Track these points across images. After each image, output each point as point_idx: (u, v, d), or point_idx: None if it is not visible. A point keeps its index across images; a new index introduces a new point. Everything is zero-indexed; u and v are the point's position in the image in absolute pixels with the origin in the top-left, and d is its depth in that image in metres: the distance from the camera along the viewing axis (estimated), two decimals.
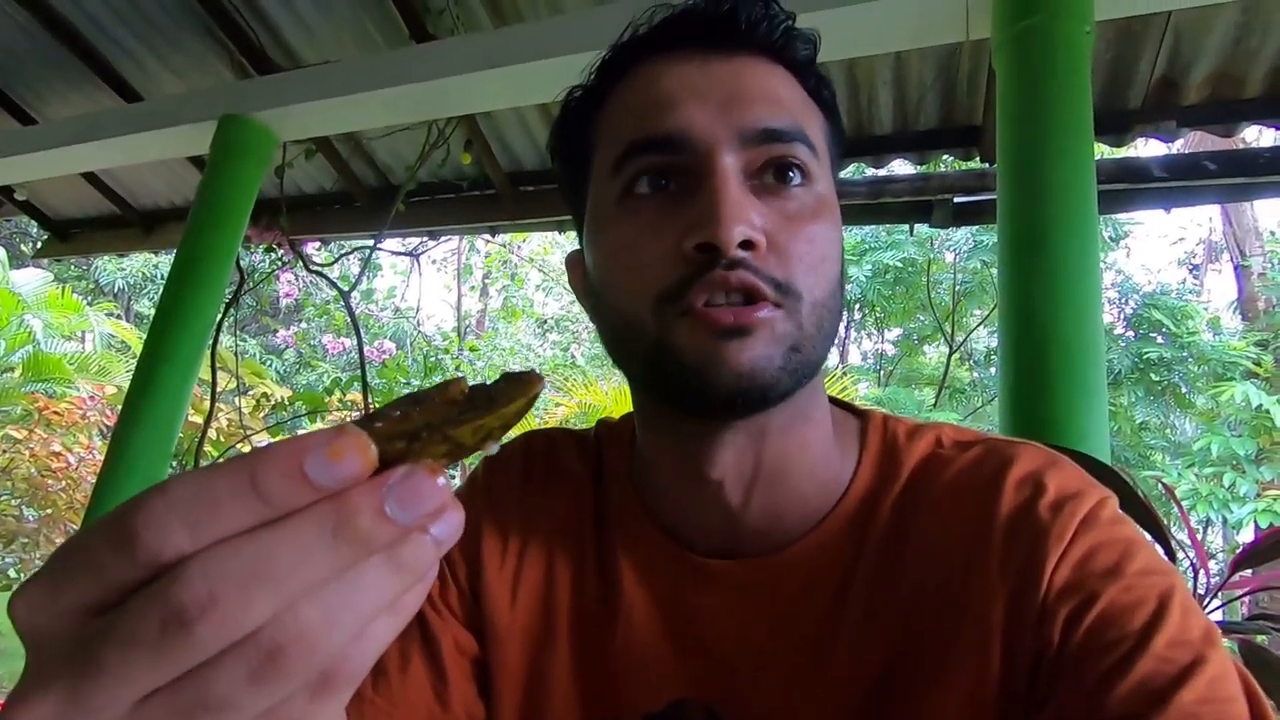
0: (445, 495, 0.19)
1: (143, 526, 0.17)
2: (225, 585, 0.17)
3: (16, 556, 4.51)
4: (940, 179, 2.41)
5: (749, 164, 0.42)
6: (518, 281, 9.11)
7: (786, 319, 0.40)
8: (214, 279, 2.58)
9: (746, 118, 0.42)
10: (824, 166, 0.45)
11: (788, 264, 0.40)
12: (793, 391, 0.42)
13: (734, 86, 0.43)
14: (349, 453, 0.18)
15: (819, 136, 0.45)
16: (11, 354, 5.50)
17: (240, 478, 0.18)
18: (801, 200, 0.42)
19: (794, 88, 0.45)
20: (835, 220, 0.44)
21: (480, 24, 2.42)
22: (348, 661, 0.19)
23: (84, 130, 3.13)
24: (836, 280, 0.44)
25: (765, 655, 0.44)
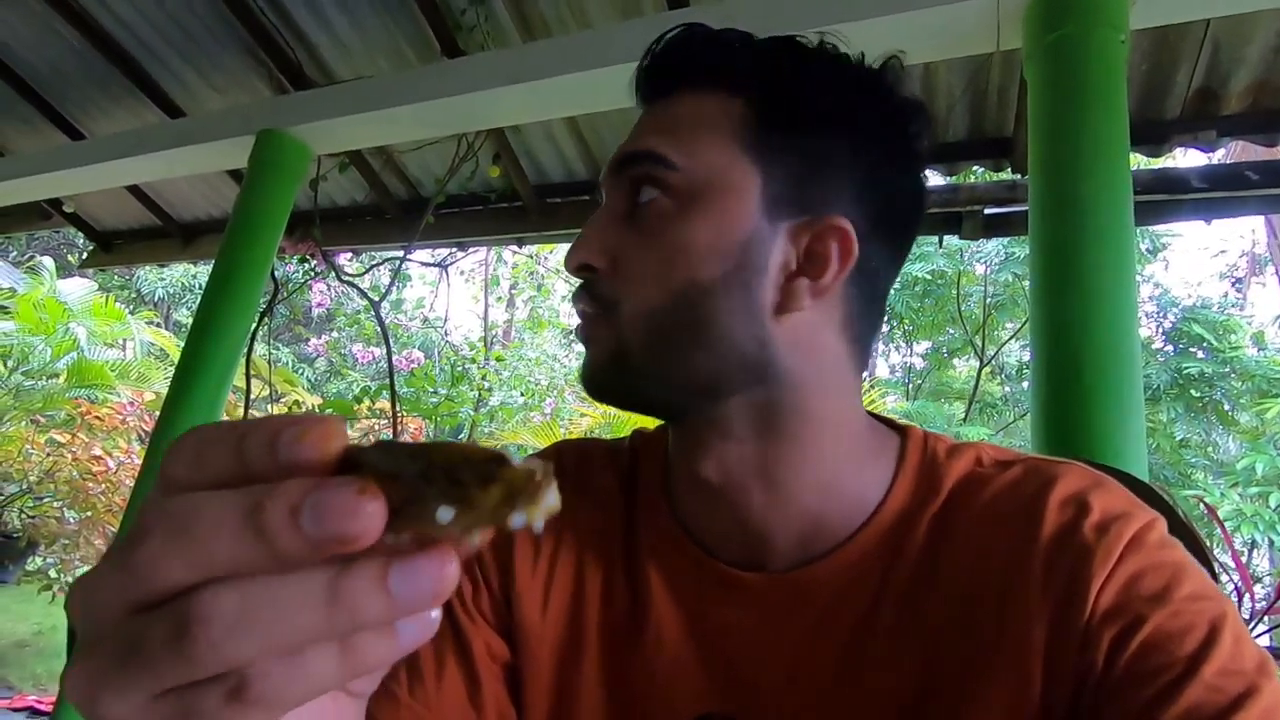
0: (360, 522, 0.17)
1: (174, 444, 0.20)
2: (157, 527, 0.18)
3: (57, 557, 4.64)
4: (970, 190, 2.38)
5: (621, 193, 0.47)
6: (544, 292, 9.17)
7: (606, 328, 0.45)
8: (250, 289, 2.65)
9: (615, 155, 0.48)
10: (703, 168, 0.44)
11: (615, 280, 0.45)
12: (664, 401, 0.46)
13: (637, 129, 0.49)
14: (312, 436, 0.18)
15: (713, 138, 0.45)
16: (57, 360, 5.69)
17: (238, 429, 0.19)
18: (652, 214, 0.45)
19: (695, 105, 0.47)
20: (706, 219, 0.43)
21: (509, 39, 2.46)
22: (266, 678, 0.18)
23: (129, 145, 3.25)
24: (695, 282, 0.43)
25: (793, 671, 0.44)
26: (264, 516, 0.17)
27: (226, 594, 0.18)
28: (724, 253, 0.43)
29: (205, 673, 0.18)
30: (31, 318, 5.76)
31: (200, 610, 0.17)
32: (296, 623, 0.18)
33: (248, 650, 0.18)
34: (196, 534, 0.18)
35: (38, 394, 5.43)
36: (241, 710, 0.18)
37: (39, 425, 5.35)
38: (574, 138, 2.84)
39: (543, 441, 5.24)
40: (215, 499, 0.18)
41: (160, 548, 0.18)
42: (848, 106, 0.47)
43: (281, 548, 0.17)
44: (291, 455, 0.18)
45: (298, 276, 3.89)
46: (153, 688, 0.18)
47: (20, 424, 5.24)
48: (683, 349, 0.43)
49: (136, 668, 0.18)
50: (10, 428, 5.16)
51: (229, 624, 0.17)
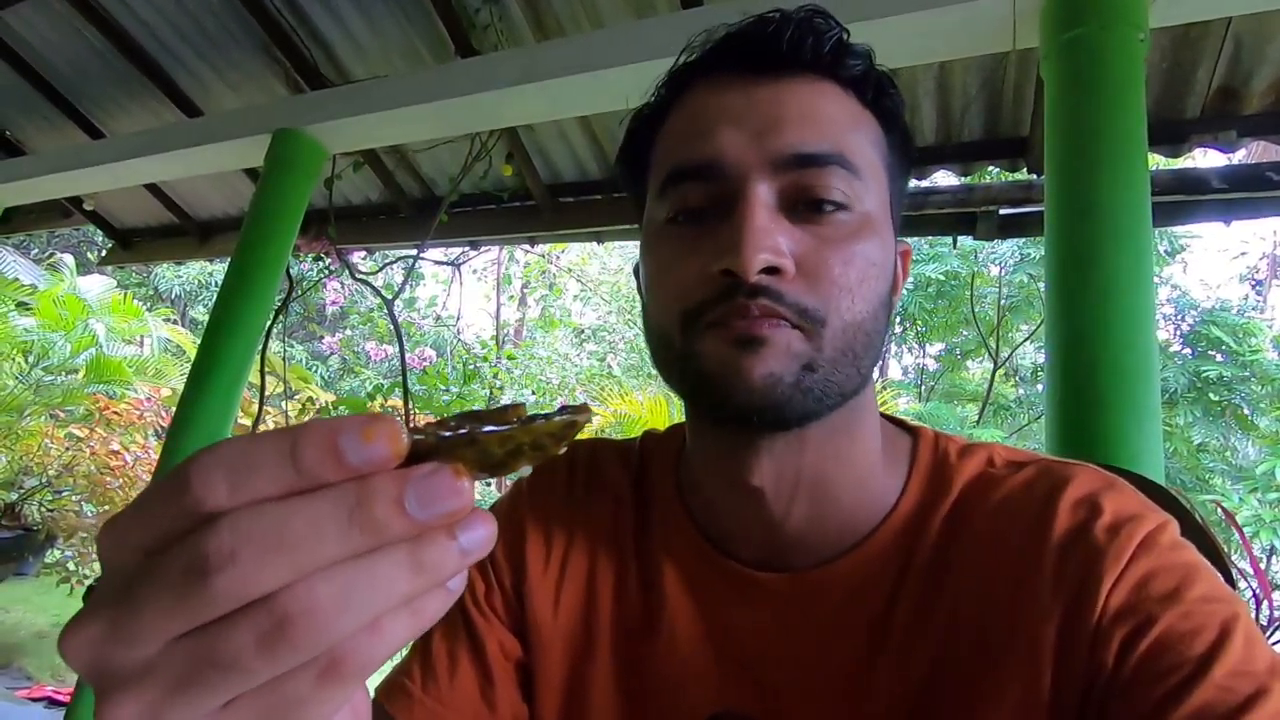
0: (464, 498, 0.19)
1: (193, 476, 0.18)
2: (246, 545, 0.18)
3: (76, 550, 4.71)
4: (985, 191, 2.36)
5: (783, 190, 0.42)
6: (556, 291, 9.21)
7: (804, 340, 0.41)
8: (265, 287, 2.67)
9: (780, 144, 0.42)
10: (872, 182, 0.44)
11: (817, 288, 0.41)
12: (816, 412, 0.42)
13: (772, 111, 0.43)
14: (380, 437, 0.19)
15: (868, 152, 0.44)
16: (76, 356, 5.78)
17: (282, 444, 0.19)
18: (839, 223, 0.42)
19: (844, 104, 0.44)
20: (880, 237, 0.44)
21: (523, 38, 2.47)
22: (357, 651, 0.19)
23: (147, 144, 3.29)
24: (880, 299, 0.43)
25: (808, 669, 0.44)
26: (371, 513, 0.18)
27: (323, 583, 0.18)
28: (887, 272, 0.44)
29: (300, 660, 0.18)
30: (52, 314, 5.84)
31: (300, 603, 0.18)
32: (390, 592, 0.19)
33: (346, 627, 0.18)
34: (298, 545, 0.18)
35: (57, 389, 5.52)
36: (331, 686, 0.19)
37: (58, 420, 5.44)
38: (587, 137, 2.84)
39: None
40: (307, 507, 0.18)
41: (255, 570, 0.18)
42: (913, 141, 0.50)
43: (390, 535, 0.18)
44: (366, 457, 0.19)
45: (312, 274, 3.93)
46: (235, 693, 0.18)
47: (40, 419, 5.32)
48: (858, 363, 0.42)
49: (216, 680, 0.18)
50: (30, 422, 5.25)
51: (330, 608, 0.18)
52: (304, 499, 0.18)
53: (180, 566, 0.18)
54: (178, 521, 0.18)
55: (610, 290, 10.88)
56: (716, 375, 0.41)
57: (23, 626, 4.52)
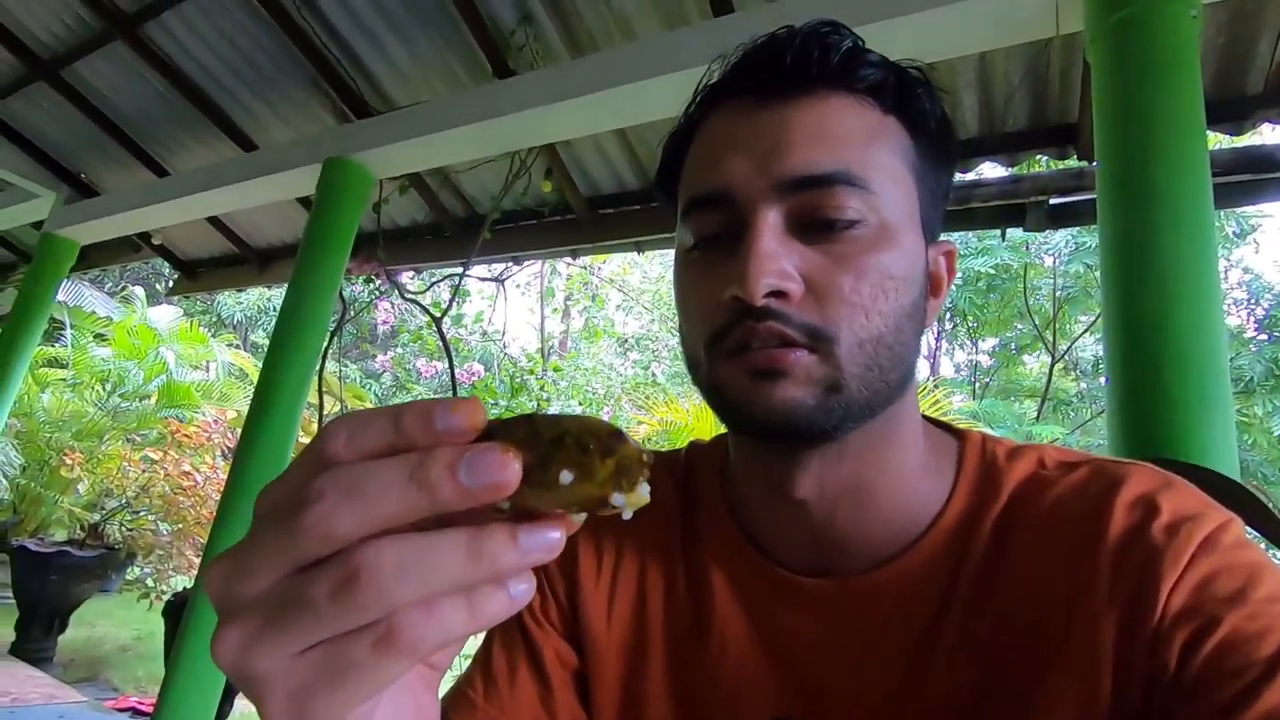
0: (508, 473, 0.21)
1: (325, 431, 0.23)
2: (331, 488, 0.21)
3: (154, 567, 4.95)
4: (1033, 180, 2.29)
5: (791, 212, 0.42)
6: (598, 302, 9.28)
7: (821, 363, 0.41)
8: (320, 310, 2.78)
9: (783, 168, 0.42)
10: (892, 192, 0.43)
11: (826, 308, 0.41)
12: (844, 428, 0.42)
13: (778, 135, 0.43)
14: (463, 410, 0.22)
15: (887, 161, 0.43)
16: (149, 383, 6.10)
17: (391, 411, 0.22)
18: (852, 239, 0.42)
19: (858, 116, 0.44)
20: (902, 247, 0.43)
21: (558, 56, 2.51)
22: (412, 626, 0.21)
23: (208, 179, 3.47)
24: (902, 310, 0.42)
25: (859, 675, 0.44)
26: (427, 472, 0.21)
27: (389, 546, 0.21)
28: (914, 279, 0.43)
29: (364, 619, 0.21)
30: (126, 344, 6.19)
31: (368, 560, 0.20)
32: (445, 570, 0.21)
33: (402, 595, 0.20)
34: (367, 492, 0.21)
35: (133, 415, 5.82)
36: (386, 656, 0.21)
37: (134, 444, 5.73)
38: (623, 149, 2.87)
39: None
40: (381, 464, 0.21)
41: (333, 508, 0.21)
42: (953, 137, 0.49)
43: (442, 497, 0.20)
44: (448, 423, 0.22)
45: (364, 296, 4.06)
46: (309, 639, 0.21)
47: (118, 443, 5.63)
48: (886, 376, 0.42)
49: (297, 620, 0.21)
50: (109, 447, 5.55)
51: (392, 571, 0.20)
52: (382, 460, 0.21)
53: (286, 508, 0.21)
54: (306, 473, 0.22)
55: (652, 298, 10.90)
56: (738, 403, 0.42)
57: (108, 640, 4.77)
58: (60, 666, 3.91)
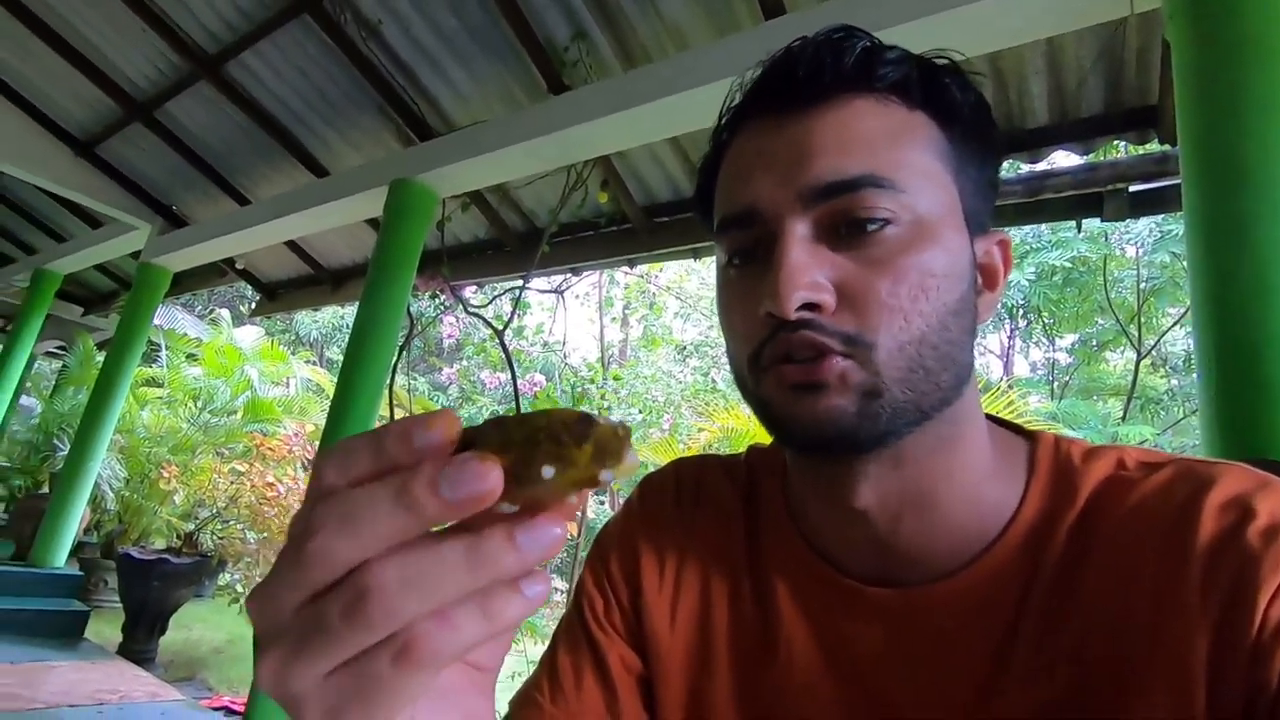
0: (487, 481, 0.21)
1: (316, 465, 0.24)
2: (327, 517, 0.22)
3: (242, 573, 5.25)
4: (1111, 168, 2.18)
5: (819, 221, 0.41)
6: (656, 310, 9.30)
7: (858, 368, 0.40)
8: (390, 326, 2.89)
9: (806, 178, 0.41)
10: (925, 188, 0.42)
11: (862, 314, 0.40)
12: (892, 434, 0.41)
13: (799, 146, 0.42)
14: (438, 425, 0.22)
15: (917, 158, 0.42)
16: (235, 399, 6.47)
17: (373, 434, 0.23)
18: (886, 240, 0.41)
19: (881, 116, 0.43)
20: (942, 243, 0.41)
21: (611, 69, 2.55)
22: (428, 637, 0.21)
23: (285, 205, 3.67)
24: (946, 308, 0.41)
25: (928, 688, 0.42)
26: (411, 493, 0.21)
27: (390, 564, 0.21)
28: (958, 275, 0.42)
29: (377, 636, 0.21)
30: (214, 363, 6.59)
31: (371, 580, 0.21)
32: (448, 581, 0.21)
33: (411, 609, 0.21)
34: (359, 518, 0.21)
35: (221, 430, 6.19)
36: (406, 670, 0.22)
37: (223, 457, 6.09)
38: (678, 156, 2.89)
39: (663, 457, 5.29)
40: (369, 489, 0.22)
41: (330, 537, 0.21)
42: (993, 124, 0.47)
43: (428, 514, 0.21)
44: (424, 441, 0.22)
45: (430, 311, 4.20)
46: (332, 660, 0.22)
47: (209, 456, 5.99)
48: (934, 378, 0.41)
49: (318, 644, 0.22)
50: (201, 459, 5.92)
51: (396, 587, 0.21)
52: (370, 484, 0.22)
53: (294, 540, 0.22)
54: (309, 504, 0.23)
55: (710, 304, 10.85)
56: (783, 418, 0.42)
57: (203, 643, 5.06)
58: (161, 667, 4.18)
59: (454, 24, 2.69)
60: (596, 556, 0.56)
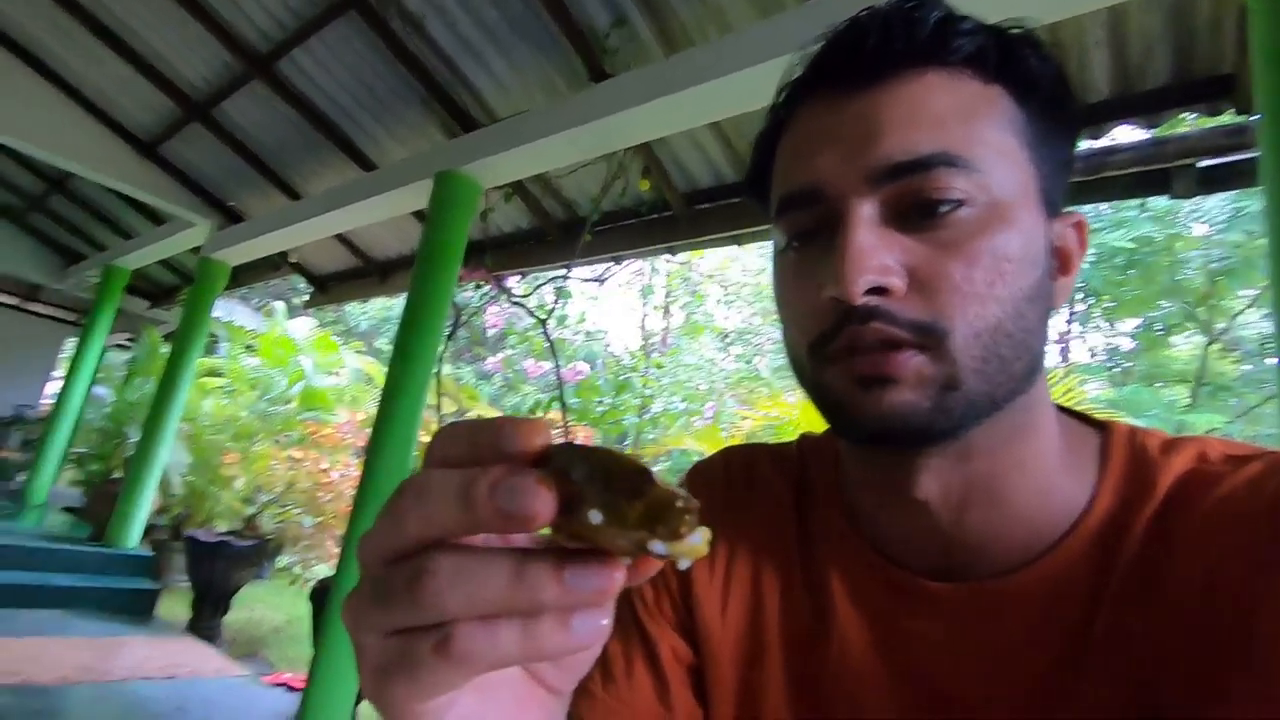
0: (535, 503, 0.21)
1: (433, 436, 0.25)
2: (408, 494, 0.23)
3: (299, 556, 5.46)
4: (1180, 142, 2.06)
5: (887, 202, 0.39)
6: (698, 298, 9.26)
7: (932, 362, 0.38)
8: (436, 317, 2.94)
9: (874, 157, 0.39)
10: (1001, 166, 0.39)
11: (935, 300, 0.38)
12: (962, 428, 0.39)
13: (866, 123, 0.40)
14: (522, 432, 0.23)
15: (993, 135, 0.40)
16: (291, 388, 6.71)
17: (476, 424, 0.24)
18: (958, 223, 0.38)
19: (955, 91, 0.40)
20: (1018, 225, 0.39)
21: (652, 55, 2.53)
22: (467, 638, 0.22)
23: (335, 199, 3.76)
24: (1023, 293, 0.39)
25: (992, 688, 0.41)
26: (472, 490, 0.22)
27: (447, 556, 0.22)
28: (1034, 258, 0.40)
29: (425, 618, 0.22)
30: (270, 354, 6.84)
31: (429, 564, 0.22)
32: (490, 590, 0.22)
33: (455, 605, 0.22)
34: (429, 497, 0.22)
35: (278, 418, 6.42)
36: (443, 661, 0.23)
37: (280, 444, 6.32)
38: (720, 142, 2.85)
39: (708, 447, 5.28)
40: (446, 474, 0.23)
41: (405, 507, 0.23)
42: (1072, 99, 0.44)
43: (479, 515, 0.21)
44: (506, 446, 0.23)
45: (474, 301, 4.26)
46: (391, 623, 0.23)
47: (267, 443, 6.23)
48: (1009, 367, 0.39)
49: (383, 604, 0.23)
50: (260, 446, 6.15)
51: (446, 579, 0.22)
52: (450, 470, 0.23)
53: (388, 500, 0.24)
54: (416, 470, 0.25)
55: (753, 292, 10.75)
56: (844, 408, 0.40)
57: (264, 622, 5.29)
58: (226, 644, 4.38)
59: (495, 15, 2.70)
60: None
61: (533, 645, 0.22)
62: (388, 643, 0.24)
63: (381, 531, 0.24)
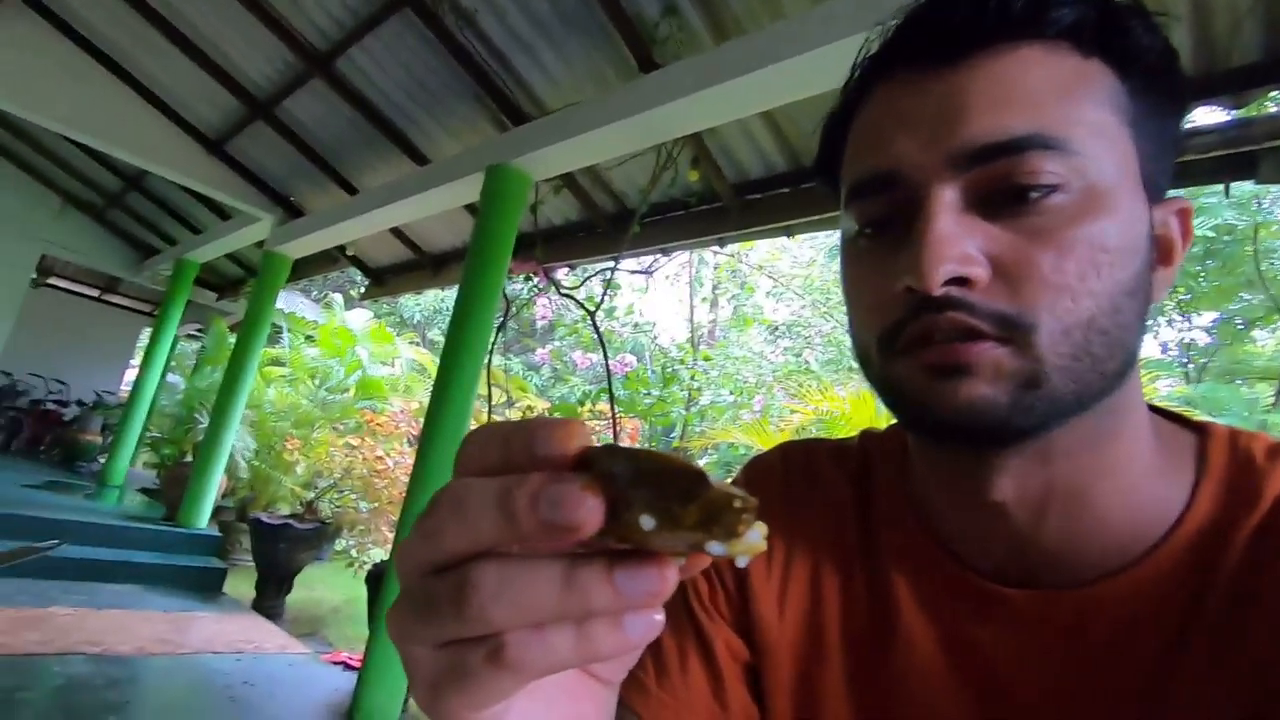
0: (578, 511, 0.20)
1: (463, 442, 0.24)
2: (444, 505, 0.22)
3: (356, 540, 5.66)
4: (1268, 123, 1.92)
5: (972, 188, 0.37)
6: (747, 290, 9.15)
7: (1015, 355, 0.35)
8: (487, 308, 2.99)
9: (959, 139, 0.36)
10: (1101, 148, 0.36)
11: (1020, 292, 0.35)
12: (1043, 427, 0.37)
13: (951, 104, 0.37)
14: (558, 436, 0.21)
15: (1093, 114, 0.37)
16: (348, 378, 6.94)
17: (507, 427, 0.23)
18: (1051, 209, 0.35)
19: (1051, 67, 0.37)
20: (1117, 213, 0.36)
21: (702, 44, 2.49)
22: (520, 646, 0.21)
23: (390, 193, 3.85)
24: (1119, 286, 0.36)
25: (1074, 704, 0.38)
26: (512, 501, 0.21)
27: (490, 567, 0.21)
28: (1133, 249, 0.37)
29: (474, 631, 0.21)
30: (329, 344, 7.08)
31: (472, 577, 0.21)
32: (539, 599, 0.21)
33: (503, 617, 0.21)
34: (466, 510, 0.21)
35: (336, 406, 6.65)
36: (496, 671, 0.22)
37: (338, 432, 6.55)
38: (771, 131, 2.80)
39: (756, 440, 5.23)
40: (482, 483, 0.22)
41: (442, 520, 0.22)
42: (1180, 72, 0.40)
43: (522, 527, 0.20)
44: (542, 451, 0.21)
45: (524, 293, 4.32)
46: (438, 636, 0.22)
47: (325, 430, 6.46)
48: (1100, 366, 0.36)
49: (428, 618, 0.22)
50: (319, 434, 6.39)
51: (491, 592, 0.21)
52: (486, 479, 0.22)
53: (423, 512, 0.23)
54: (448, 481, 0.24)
55: (803, 284, 10.57)
56: (915, 401, 0.38)
57: (324, 603, 5.50)
58: (288, 622, 4.57)
59: (545, 7, 2.71)
60: None
61: (587, 649, 0.21)
62: (437, 655, 0.23)
63: (419, 544, 0.23)
